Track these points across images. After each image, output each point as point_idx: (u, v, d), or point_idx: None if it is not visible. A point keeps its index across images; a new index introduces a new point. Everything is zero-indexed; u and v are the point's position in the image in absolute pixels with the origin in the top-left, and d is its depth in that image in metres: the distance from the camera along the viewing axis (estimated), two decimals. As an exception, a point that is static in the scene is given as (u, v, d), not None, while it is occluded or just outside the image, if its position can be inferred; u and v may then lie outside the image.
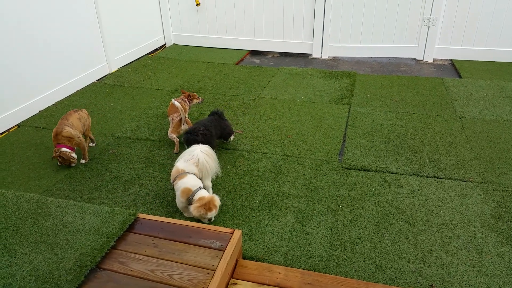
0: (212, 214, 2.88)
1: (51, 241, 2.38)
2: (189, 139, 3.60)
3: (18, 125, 4.57)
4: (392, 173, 3.58)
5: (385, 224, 2.99)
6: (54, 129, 3.61)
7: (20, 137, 4.31)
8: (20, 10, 4.50)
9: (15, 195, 2.82)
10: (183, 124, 3.96)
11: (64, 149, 3.58)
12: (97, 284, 2.14)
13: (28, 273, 2.16)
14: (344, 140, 4.13)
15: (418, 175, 3.54)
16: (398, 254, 2.72)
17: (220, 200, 2.96)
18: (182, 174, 3.01)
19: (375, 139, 4.12)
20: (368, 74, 5.98)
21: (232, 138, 4.06)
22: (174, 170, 3.09)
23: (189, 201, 2.91)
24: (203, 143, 3.62)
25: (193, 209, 2.84)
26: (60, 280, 2.10)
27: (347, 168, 3.65)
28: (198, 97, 4.36)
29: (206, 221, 2.93)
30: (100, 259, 2.27)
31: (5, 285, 2.09)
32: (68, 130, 3.60)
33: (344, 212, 3.10)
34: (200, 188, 2.95)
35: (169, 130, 3.99)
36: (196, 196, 2.88)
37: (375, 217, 3.06)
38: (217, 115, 3.91)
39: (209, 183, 3.22)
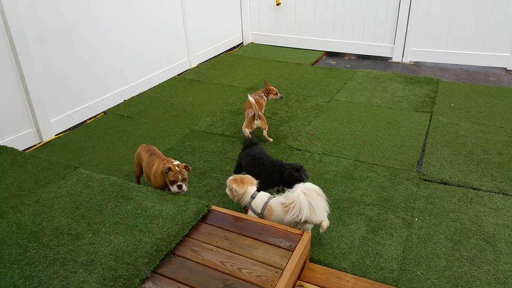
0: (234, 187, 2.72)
1: (131, 223, 2.53)
2: (250, 143, 3.39)
3: (104, 112, 4.93)
4: (475, 189, 3.32)
5: (464, 242, 2.79)
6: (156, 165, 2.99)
7: (105, 123, 4.65)
8: (114, 7, 4.85)
9: (100, 177, 3.04)
10: (256, 119, 4.00)
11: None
12: (171, 269, 2.24)
13: (109, 252, 2.32)
14: (424, 150, 3.91)
15: (503, 194, 3.25)
16: (477, 276, 2.52)
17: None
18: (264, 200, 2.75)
19: (457, 152, 3.85)
20: (452, 82, 5.60)
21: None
22: (267, 211, 2.73)
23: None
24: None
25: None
26: (137, 262, 2.23)
27: (425, 180, 3.45)
28: (276, 93, 4.33)
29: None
30: (174, 245, 2.36)
31: (88, 260, 2.26)
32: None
33: (420, 226, 2.94)
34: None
35: (243, 124, 4.06)
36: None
37: (454, 234, 2.86)
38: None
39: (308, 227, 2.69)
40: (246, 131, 4.03)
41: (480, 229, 2.90)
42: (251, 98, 3.92)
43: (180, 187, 2.84)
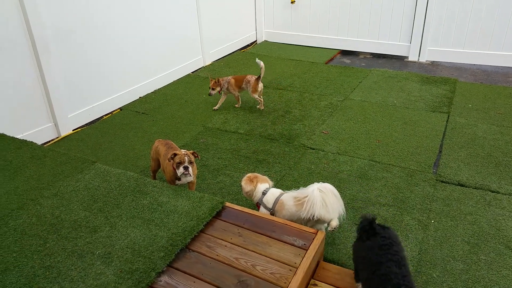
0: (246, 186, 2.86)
1: (147, 218, 2.55)
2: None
3: (121, 108, 4.98)
4: (493, 191, 3.27)
5: (481, 245, 2.75)
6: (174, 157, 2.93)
7: (121, 119, 4.70)
8: (131, 5, 4.89)
9: (117, 172, 3.07)
10: (260, 82, 4.62)
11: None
12: (186, 263, 2.25)
13: (126, 245, 2.34)
14: (440, 151, 3.86)
15: (523, 197, 3.20)
16: (495, 280, 2.48)
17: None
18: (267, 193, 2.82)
19: (475, 153, 3.79)
20: (470, 82, 5.52)
21: None
22: (278, 206, 2.75)
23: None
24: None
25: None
26: (153, 256, 2.25)
27: (442, 181, 3.41)
28: (212, 85, 4.70)
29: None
30: (189, 240, 2.38)
31: (106, 253, 2.29)
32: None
33: (436, 228, 2.90)
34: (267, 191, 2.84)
35: (250, 91, 4.68)
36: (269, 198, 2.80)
37: (471, 237, 2.82)
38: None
39: (322, 227, 2.67)
40: (255, 96, 4.66)
41: (499, 232, 2.85)
42: (261, 63, 4.62)
43: (186, 168, 2.84)
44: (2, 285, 2.09)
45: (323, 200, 2.49)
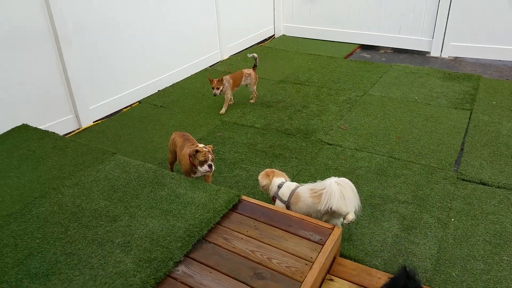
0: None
1: (165, 209, 2.58)
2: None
3: (139, 102, 5.04)
4: (517, 191, 3.19)
5: (504, 246, 2.68)
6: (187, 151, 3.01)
7: (140, 112, 4.75)
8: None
9: (136, 163, 3.12)
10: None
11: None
12: (203, 254, 2.28)
13: (144, 234, 2.38)
14: (462, 149, 3.78)
15: (548, 198, 3.10)
16: (517, 282, 2.43)
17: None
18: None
19: (498, 152, 3.70)
20: (495, 78, 5.37)
21: None
22: (293, 198, 2.74)
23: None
24: None
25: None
26: (171, 246, 2.28)
27: (463, 180, 3.34)
28: (215, 84, 4.48)
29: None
30: (206, 232, 2.40)
31: (125, 242, 2.33)
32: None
33: (456, 227, 2.85)
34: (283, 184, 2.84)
35: (252, 82, 4.77)
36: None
37: (493, 236, 2.76)
38: None
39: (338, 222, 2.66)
40: (254, 88, 4.82)
41: (522, 233, 2.79)
42: (251, 55, 4.82)
43: (210, 166, 2.91)
44: (27, 269, 2.16)
45: (341, 192, 2.48)
